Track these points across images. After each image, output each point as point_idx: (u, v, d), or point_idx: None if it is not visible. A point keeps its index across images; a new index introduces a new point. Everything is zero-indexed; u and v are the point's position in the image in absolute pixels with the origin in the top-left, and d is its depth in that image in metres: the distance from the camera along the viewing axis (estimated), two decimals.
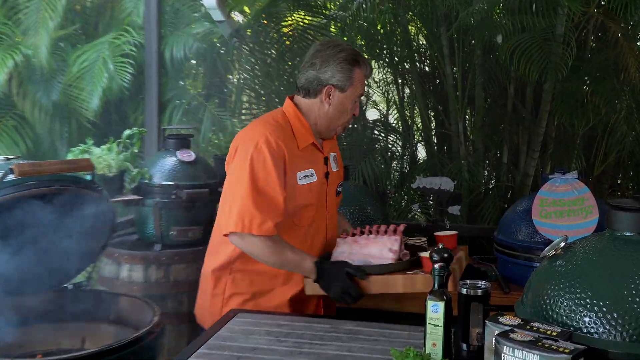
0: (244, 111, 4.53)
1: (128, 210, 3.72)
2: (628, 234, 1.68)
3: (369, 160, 4.38)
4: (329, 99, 2.49)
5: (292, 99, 2.54)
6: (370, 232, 2.52)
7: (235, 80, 4.54)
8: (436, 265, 1.86)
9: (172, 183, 3.39)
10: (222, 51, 4.49)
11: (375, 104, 4.61)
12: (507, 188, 4.27)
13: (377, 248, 2.47)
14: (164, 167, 3.45)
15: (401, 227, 2.57)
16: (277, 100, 4.43)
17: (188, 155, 3.55)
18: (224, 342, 2.02)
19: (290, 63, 4.45)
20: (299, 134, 2.46)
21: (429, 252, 2.74)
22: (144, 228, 3.46)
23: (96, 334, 2.41)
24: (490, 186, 4.30)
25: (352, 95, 2.50)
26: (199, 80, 4.63)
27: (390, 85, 4.52)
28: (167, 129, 3.81)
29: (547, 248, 1.76)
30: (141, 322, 2.25)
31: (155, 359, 2.20)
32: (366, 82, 2.56)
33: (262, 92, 4.47)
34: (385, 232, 2.52)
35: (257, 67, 4.48)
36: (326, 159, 2.54)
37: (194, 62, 4.56)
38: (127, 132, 3.51)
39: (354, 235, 2.51)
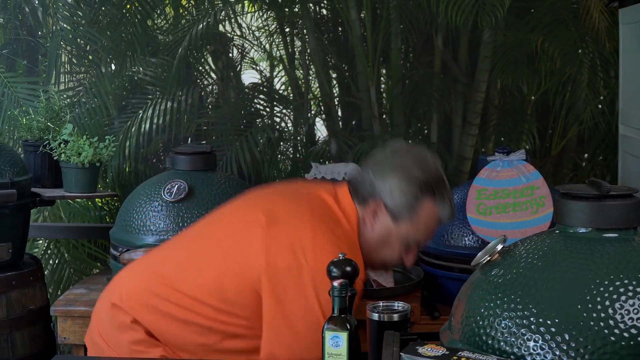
0: (64, 78, 4.50)
1: None
2: (582, 230, 1.82)
3: (245, 142, 4.43)
4: (373, 217, 2.50)
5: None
6: None
7: (50, 32, 4.49)
8: (335, 283, 1.95)
9: None
10: None
11: (253, 62, 4.67)
12: None
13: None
14: None
15: None
16: (111, 60, 4.42)
17: None
18: None
19: (137, 4, 4.45)
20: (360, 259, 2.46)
21: None
22: None
23: None
24: None
25: (405, 232, 2.49)
26: None
27: (274, 36, 4.58)
28: None
29: (479, 253, 1.89)
30: None
31: None
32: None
33: (89, 47, 4.45)
34: None
35: (79, 12, 4.45)
36: None
37: None
38: None
39: None
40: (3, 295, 3.41)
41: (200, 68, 4.49)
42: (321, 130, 4.57)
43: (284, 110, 4.57)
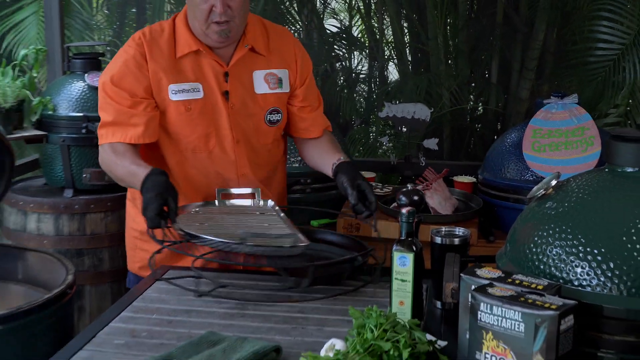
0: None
1: (30, 149, 3.72)
2: (630, 169, 1.76)
3: (327, 83, 4.42)
4: None
5: None
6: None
7: None
8: (403, 210, 1.93)
9: (82, 114, 3.40)
10: None
11: (334, 12, 4.62)
12: (497, 115, 4.37)
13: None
14: (70, 95, 3.45)
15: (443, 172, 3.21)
16: None
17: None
18: (152, 305, 2.09)
19: None
20: (180, 38, 2.49)
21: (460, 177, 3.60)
22: (50, 170, 3.48)
23: (2, 294, 2.46)
24: (477, 113, 4.39)
25: None
26: None
27: None
28: (71, 47, 3.78)
29: (535, 187, 1.85)
30: (54, 281, 2.31)
31: (70, 323, 2.27)
32: None
33: None
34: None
35: None
36: (227, 74, 2.51)
37: None
38: (23, 51, 3.50)
39: None
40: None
41: (289, 17, 4.48)
42: (393, 73, 4.54)
43: (361, 56, 4.55)
